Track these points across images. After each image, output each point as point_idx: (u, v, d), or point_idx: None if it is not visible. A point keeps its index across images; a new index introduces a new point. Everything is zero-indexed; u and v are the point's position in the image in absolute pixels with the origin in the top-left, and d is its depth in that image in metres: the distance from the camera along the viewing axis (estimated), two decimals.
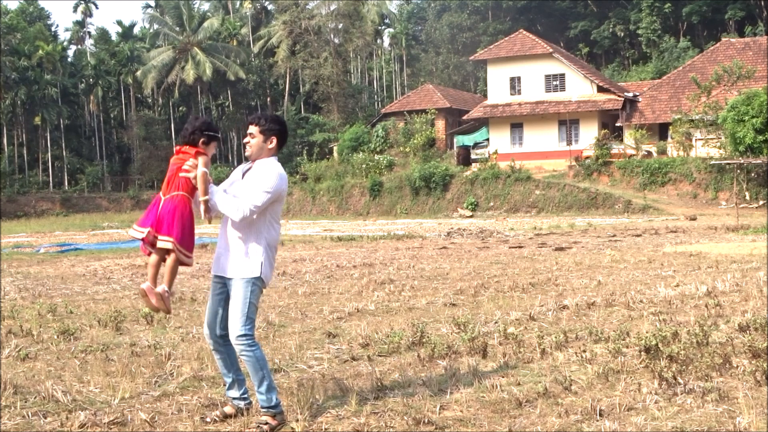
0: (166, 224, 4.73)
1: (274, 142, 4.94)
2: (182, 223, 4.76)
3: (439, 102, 55.57)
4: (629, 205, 39.79)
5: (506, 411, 5.01)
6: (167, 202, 4.77)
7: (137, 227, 4.81)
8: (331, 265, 15.29)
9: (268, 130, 4.93)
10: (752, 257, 14.49)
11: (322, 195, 51.99)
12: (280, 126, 4.99)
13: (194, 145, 4.87)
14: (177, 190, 4.78)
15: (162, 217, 4.74)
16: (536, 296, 10.10)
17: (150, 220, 4.77)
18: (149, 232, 4.73)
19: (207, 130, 4.91)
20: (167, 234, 4.72)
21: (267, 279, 4.96)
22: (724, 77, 44.23)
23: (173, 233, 4.73)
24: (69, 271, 15.78)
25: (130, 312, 9.43)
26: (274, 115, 5.13)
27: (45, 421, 5.03)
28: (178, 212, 4.75)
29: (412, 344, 6.98)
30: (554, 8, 73.52)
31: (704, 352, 6.19)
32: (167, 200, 4.78)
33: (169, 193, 4.80)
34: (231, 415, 5.01)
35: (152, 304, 4.90)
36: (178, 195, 4.78)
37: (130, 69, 71.12)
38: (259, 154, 4.94)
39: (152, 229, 4.72)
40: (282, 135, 4.98)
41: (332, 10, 68.52)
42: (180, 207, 4.76)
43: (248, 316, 4.81)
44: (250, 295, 4.83)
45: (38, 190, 64.77)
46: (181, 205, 4.77)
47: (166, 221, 4.73)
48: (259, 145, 4.92)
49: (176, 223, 4.74)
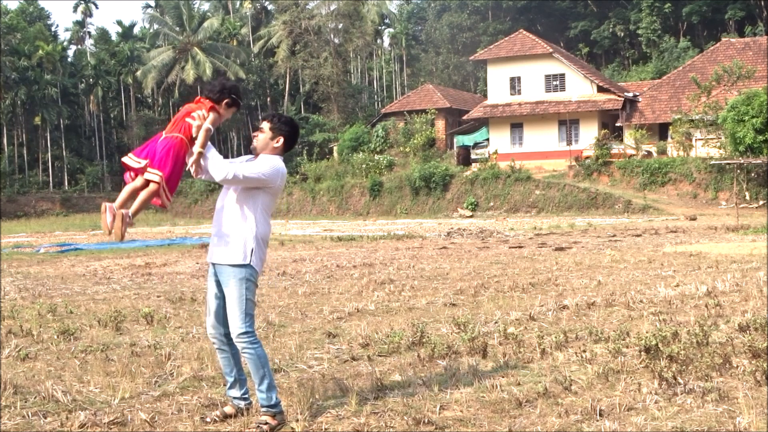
0: (159, 158, 4.73)
1: (281, 142, 4.98)
2: (174, 163, 4.76)
3: (439, 102, 55.57)
4: (629, 205, 39.79)
5: (506, 411, 5.01)
6: (166, 139, 4.79)
7: (133, 156, 4.80)
8: (331, 265, 15.29)
9: (278, 129, 4.97)
10: (752, 257, 14.49)
11: (322, 195, 52.00)
12: (290, 128, 5.03)
13: (215, 102, 4.90)
14: (179, 132, 4.81)
15: (156, 152, 4.75)
16: (536, 296, 10.10)
17: (146, 153, 4.78)
18: (146, 164, 4.72)
19: (236, 94, 4.97)
20: (158, 168, 4.72)
21: (258, 269, 4.94)
22: (724, 77, 44.24)
23: (164, 169, 4.73)
24: (69, 271, 15.78)
25: (130, 312, 9.43)
26: (289, 117, 5.17)
27: (45, 421, 5.03)
28: (173, 151, 4.76)
29: (412, 344, 6.98)
30: (554, 8, 73.52)
31: (704, 352, 6.19)
32: (166, 137, 4.81)
33: (171, 132, 4.82)
34: (231, 415, 5.01)
35: (107, 223, 4.75)
36: (177, 136, 4.80)
37: (130, 69, 71.14)
38: (264, 149, 4.98)
39: (148, 162, 4.72)
40: (291, 137, 5.01)
41: (332, 10, 68.51)
42: (176, 147, 4.78)
43: (246, 312, 4.82)
44: (246, 291, 4.83)
45: (38, 190, 64.78)
46: (177, 145, 4.79)
47: (159, 156, 4.74)
48: (265, 141, 4.97)
49: (169, 160, 4.74)
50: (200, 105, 4.90)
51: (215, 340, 5.03)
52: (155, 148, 4.77)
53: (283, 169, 4.96)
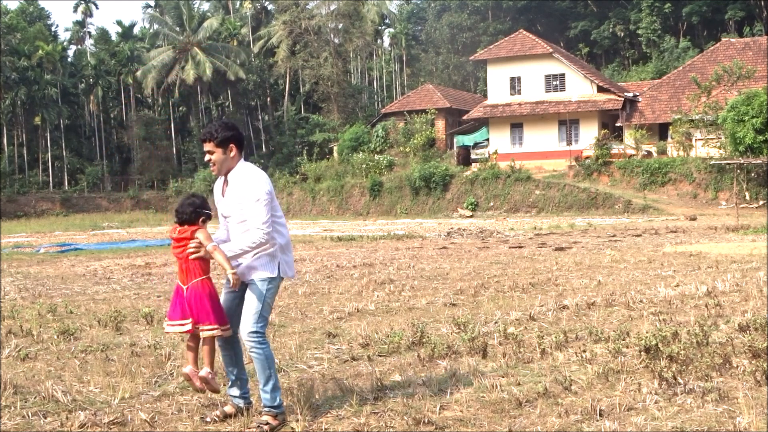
0: (202, 313, 4.81)
1: (234, 150, 4.88)
2: (212, 304, 4.85)
3: (439, 102, 55.56)
4: (629, 205, 39.79)
5: (506, 411, 5.01)
6: (191, 292, 4.83)
7: (172, 322, 4.88)
8: (331, 265, 15.29)
9: (223, 140, 4.85)
10: (752, 257, 14.49)
11: (322, 195, 51.99)
12: (232, 131, 4.91)
13: (191, 224, 4.92)
14: (194, 277, 4.85)
15: (194, 308, 4.81)
16: (536, 296, 10.10)
17: (180, 312, 4.84)
18: (191, 322, 4.81)
19: (207, 209, 5.01)
20: (208, 322, 4.82)
21: (287, 275, 4.97)
22: (724, 77, 44.23)
23: (211, 319, 4.82)
24: (69, 271, 15.78)
25: (130, 312, 9.44)
26: (222, 122, 5.02)
27: (45, 421, 5.03)
28: (208, 298, 4.83)
29: (412, 344, 6.98)
30: (554, 8, 73.50)
31: (704, 352, 6.19)
32: (190, 289, 4.84)
33: (188, 281, 4.85)
34: (231, 414, 5.02)
35: (197, 386, 4.95)
36: (198, 282, 4.84)
37: (130, 69, 71.12)
38: (226, 166, 4.89)
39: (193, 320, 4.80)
40: (238, 139, 4.91)
41: (332, 10, 68.50)
42: (205, 292, 4.84)
43: (262, 314, 4.82)
44: (266, 293, 4.84)
45: (38, 190, 64.76)
46: (205, 290, 4.85)
47: (201, 312, 4.81)
48: (221, 159, 4.87)
49: (211, 309, 4.83)
50: (184, 240, 4.89)
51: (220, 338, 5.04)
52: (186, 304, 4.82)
53: (262, 173, 4.88)
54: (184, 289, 4.85)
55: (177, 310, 4.85)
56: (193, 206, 4.94)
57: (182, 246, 4.89)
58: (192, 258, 4.83)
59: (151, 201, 63.42)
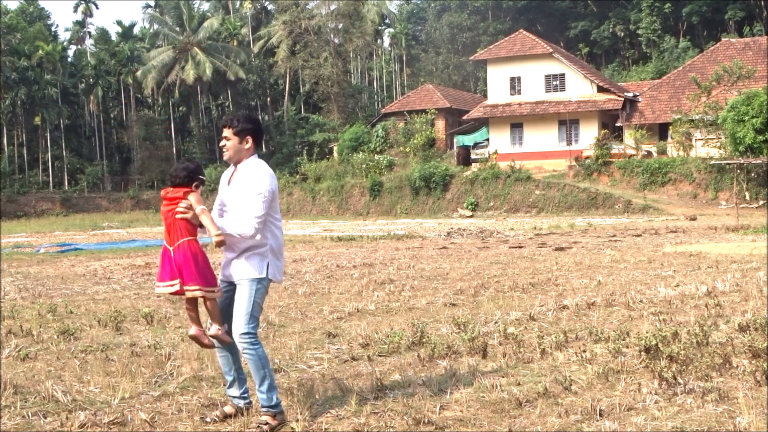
0: (186, 274, 4.80)
1: (250, 142, 4.92)
2: (198, 266, 4.84)
3: (439, 102, 55.56)
4: (629, 205, 39.79)
5: (506, 411, 5.01)
6: (177, 252, 4.83)
7: (161, 284, 4.88)
8: (331, 265, 15.28)
9: (242, 130, 4.90)
10: (752, 257, 14.49)
11: (322, 195, 51.99)
12: (253, 124, 4.96)
13: (184, 187, 4.91)
14: (181, 237, 4.84)
15: (180, 269, 4.81)
16: (536, 296, 10.10)
17: (169, 273, 4.84)
18: (179, 283, 4.80)
19: (201, 174, 5.00)
20: (192, 283, 4.81)
21: (276, 279, 4.97)
22: (724, 77, 44.22)
23: (197, 280, 4.82)
24: (69, 271, 15.78)
25: (130, 312, 9.43)
26: (246, 114, 5.10)
27: (45, 421, 5.03)
28: (192, 258, 4.83)
29: (412, 344, 6.98)
30: (554, 8, 73.51)
31: (704, 352, 6.19)
32: (177, 250, 4.84)
33: (174, 242, 4.85)
34: (231, 414, 5.02)
35: (205, 344, 4.99)
36: (184, 242, 4.84)
37: (130, 69, 71.11)
38: (238, 156, 4.93)
39: (180, 281, 4.79)
40: (257, 133, 4.96)
41: (332, 10, 68.51)
42: (192, 252, 4.83)
43: (252, 314, 4.82)
44: (255, 294, 4.84)
45: (38, 190, 64.75)
46: (192, 250, 4.84)
47: (185, 271, 4.81)
48: (235, 147, 4.91)
49: (194, 269, 4.82)
50: (175, 199, 4.89)
51: None
52: (174, 265, 4.81)
53: (271, 172, 4.91)
54: (171, 250, 4.84)
55: (166, 271, 4.84)
56: (187, 170, 4.95)
57: (172, 206, 4.88)
58: (179, 217, 4.82)
59: (151, 201, 63.39)
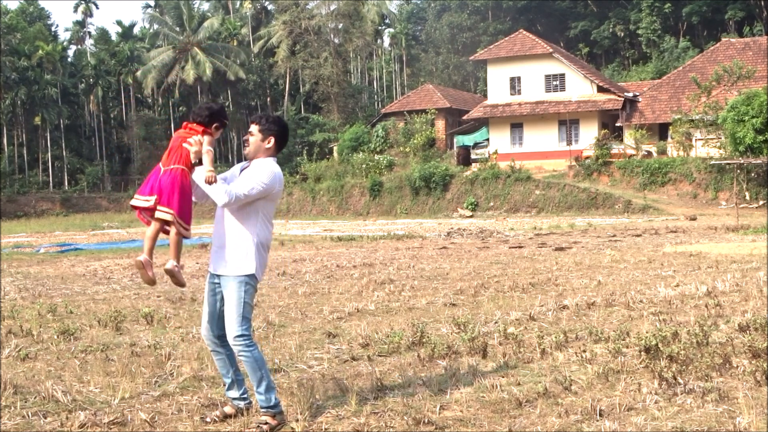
0: (166, 195, 4.75)
1: (272, 142, 4.95)
2: (181, 196, 4.78)
3: (439, 102, 55.56)
4: (629, 205, 39.79)
5: (506, 411, 5.01)
6: (167, 174, 4.79)
7: (139, 196, 4.82)
8: (331, 265, 15.28)
9: (267, 129, 4.94)
10: (752, 257, 14.49)
11: (322, 195, 51.99)
12: (279, 127, 4.99)
13: (205, 126, 4.90)
14: (177, 163, 4.81)
15: (162, 188, 4.76)
16: (536, 296, 10.10)
17: (149, 188, 4.79)
18: (155, 200, 4.74)
19: (224, 116, 4.99)
20: (167, 205, 4.74)
21: (259, 276, 4.95)
22: (724, 77, 44.23)
23: (173, 205, 4.75)
24: (69, 271, 15.78)
25: (130, 312, 9.43)
26: (276, 116, 5.15)
27: (45, 421, 5.03)
28: (178, 184, 4.77)
29: (412, 344, 6.97)
30: (554, 8, 73.51)
31: (704, 352, 6.19)
32: (167, 172, 4.80)
33: (169, 164, 4.82)
34: (231, 415, 5.02)
35: (148, 276, 4.91)
36: (177, 168, 4.80)
37: (130, 69, 71.11)
38: (257, 152, 4.95)
39: (157, 198, 4.73)
40: (281, 136, 4.98)
41: (332, 10, 68.52)
42: (180, 179, 4.79)
43: (244, 316, 4.81)
44: (244, 294, 4.83)
45: (38, 190, 64.76)
46: (181, 177, 4.79)
47: (166, 193, 4.75)
48: (257, 144, 4.94)
49: (176, 195, 4.76)
50: (191, 131, 4.88)
51: (209, 342, 5.04)
52: (159, 183, 4.77)
53: (279, 174, 4.93)
54: (162, 170, 4.81)
55: (147, 186, 4.80)
56: (209, 111, 4.94)
57: (186, 135, 4.86)
58: (184, 145, 4.79)
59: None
